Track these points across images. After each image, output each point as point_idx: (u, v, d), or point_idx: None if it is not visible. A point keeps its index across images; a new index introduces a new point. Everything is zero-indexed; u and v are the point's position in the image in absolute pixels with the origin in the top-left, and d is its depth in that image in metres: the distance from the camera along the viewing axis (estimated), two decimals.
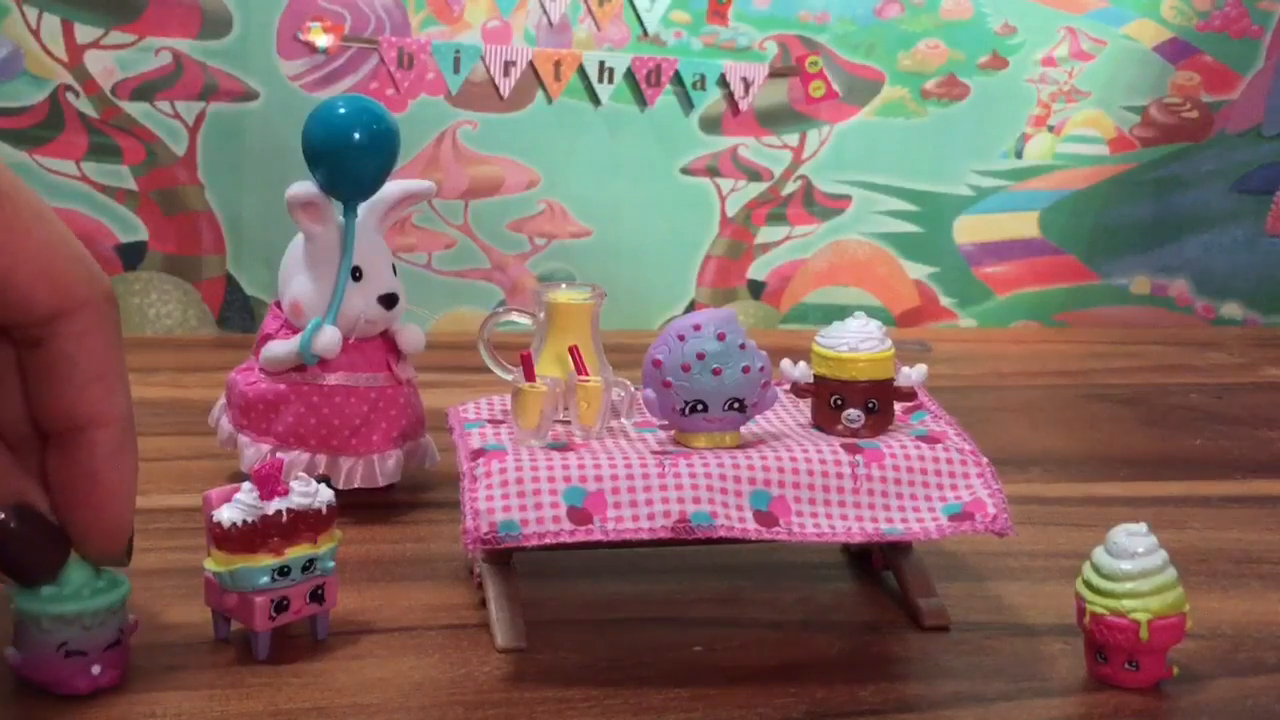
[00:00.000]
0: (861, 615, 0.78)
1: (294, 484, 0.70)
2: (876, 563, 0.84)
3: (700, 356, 0.72)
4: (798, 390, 0.79)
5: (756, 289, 1.61)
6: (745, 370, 0.73)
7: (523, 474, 0.70)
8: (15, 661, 0.64)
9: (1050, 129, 1.63)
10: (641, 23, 1.52)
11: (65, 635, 0.63)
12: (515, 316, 0.89)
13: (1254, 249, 1.70)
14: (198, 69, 1.42)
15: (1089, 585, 0.69)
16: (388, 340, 0.94)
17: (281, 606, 0.69)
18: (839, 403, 0.77)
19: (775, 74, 1.56)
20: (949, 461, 0.75)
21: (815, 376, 0.78)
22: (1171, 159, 1.66)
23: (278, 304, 0.93)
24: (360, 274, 0.90)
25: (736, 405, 0.73)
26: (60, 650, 0.63)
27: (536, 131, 1.52)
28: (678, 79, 1.53)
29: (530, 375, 0.76)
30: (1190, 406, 1.29)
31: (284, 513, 0.68)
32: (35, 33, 1.39)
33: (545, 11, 1.49)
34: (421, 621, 0.75)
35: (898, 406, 0.78)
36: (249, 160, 1.45)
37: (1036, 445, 1.15)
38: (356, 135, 0.88)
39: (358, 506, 0.90)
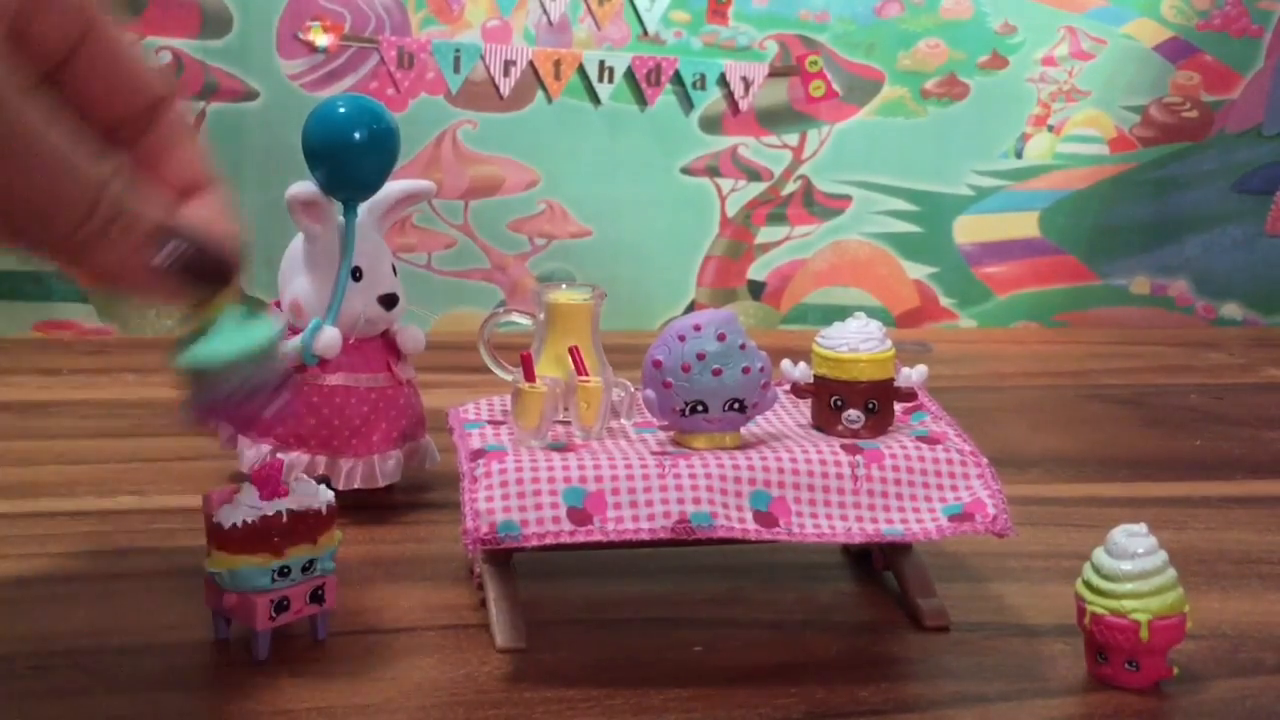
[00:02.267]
0: (861, 615, 0.78)
1: (294, 484, 0.70)
2: (877, 563, 0.84)
3: (700, 357, 0.72)
4: (798, 391, 0.79)
5: (756, 289, 1.61)
6: (745, 371, 0.73)
7: (523, 474, 0.70)
8: (194, 414, 0.63)
9: (1050, 129, 1.63)
10: (641, 22, 1.52)
11: (229, 378, 0.61)
12: (515, 316, 0.89)
13: (1254, 249, 1.70)
14: (198, 68, 1.42)
15: (1089, 586, 0.69)
16: (388, 340, 0.94)
17: (281, 606, 0.69)
18: (839, 403, 0.77)
19: (775, 73, 1.56)
20: (949, 462, 0.75)
21: (815, 377, 0.78)
22: (1171, 159, 1.66)
23: (278, 304, 0.93)
24: (360, 274, 0.90)
25: (736, 406, 0.73)
26: (230, 395, 0.62)
27: (536, 131, 1.52)
28: (678, 78, 1.53)
29: (530, 375, 0.76)
30: (1190, 407, 1.29)
31: (284, 513, 0.68)
32: None
33: (545, 11, 1.49)
34: (421, 621, 0.75)
35: (898, 407, 0.78)
36: (249, 160, 1.45)
37: (1036, 445, 1.15)
38: (356, 135, 0.88)
39: (358, 507, 0.90)
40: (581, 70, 1.51)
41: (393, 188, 0.93)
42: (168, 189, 0.59)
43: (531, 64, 1.50)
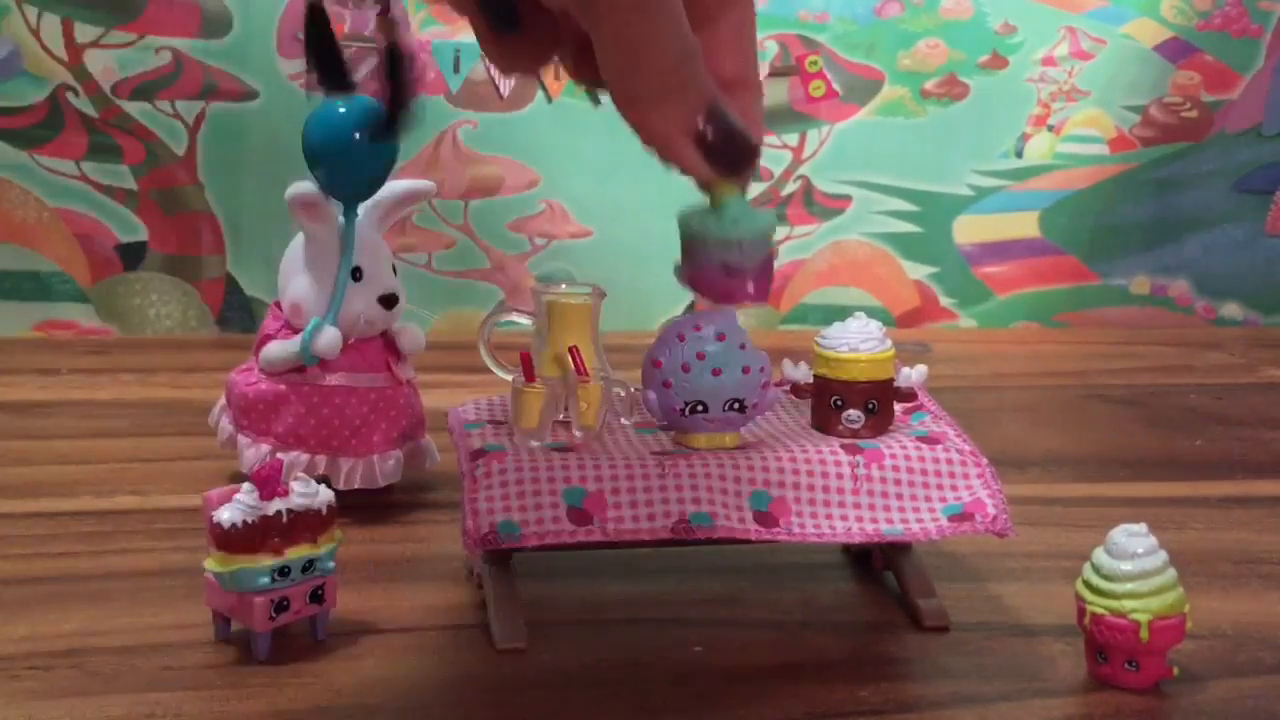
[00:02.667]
0: (861, 615, 0.78)
1: (294, 484, 0.70)
2: (877, 563, 0.84)
3: (700, 357, 0.72)
4: (798, 391, 0.79)
5: None
6: (745, 371, 0.73)
7: (522, 475, 0.70)
8: (684, 276, 0.67)
9: (1050, 129, 1.63)
10: None
11: (726, 256, 0.66)
12: (515, 316, 0.89)
13: (1254, 249, 1.70)
14: (197, 68, 1.42)
15: (1089, 586, 0.69)
16: (388, 340, 0.94)
17: (281, 606, 0.69)
18: (839, 403, 0.77)
19: (775, 73, 1.56)
20: (949, 462, 0.75)
21: (815, 377, 0.78)
22: (1171, 159, 1.66)
23: (278, 304, 0.93)
24: (360, 274, 0.90)
25: (736, 406, 0.73)
26: (723, 268, 0.66)
27: (536, 131, 1.51)
28: None
29: (530, 375, 0.76)
30: (1190, 407, 1.29)
31: (284, 513, 0.69)
32: (35, 32, 1.39)
33: None
34: (421, 621, 0.75)
35: (898, 407, 0.78)
36: (249, 160, 1.45)
37: (1036, 445, 1.15)
38: (356, 135, 0.88)
39: (358, 507, 0.90)
40: None
41: (393, 188, 0.93)
42: (719, 77, 0.63)
43: None
